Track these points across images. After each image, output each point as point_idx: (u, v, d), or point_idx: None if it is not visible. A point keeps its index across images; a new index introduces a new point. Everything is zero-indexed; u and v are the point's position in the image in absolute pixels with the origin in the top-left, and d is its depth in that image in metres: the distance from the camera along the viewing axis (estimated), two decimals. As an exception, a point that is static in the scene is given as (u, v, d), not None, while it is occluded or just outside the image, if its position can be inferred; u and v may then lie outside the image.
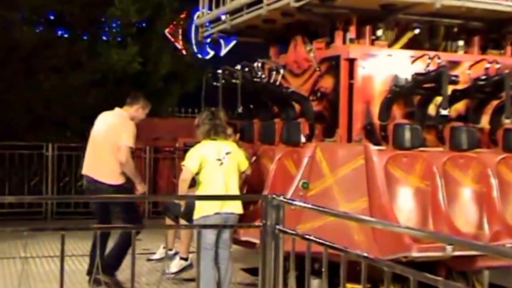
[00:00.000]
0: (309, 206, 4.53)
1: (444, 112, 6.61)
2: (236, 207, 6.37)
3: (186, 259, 7.42)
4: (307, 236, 3.78)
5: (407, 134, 6.78)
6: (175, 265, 7.41)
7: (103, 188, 7.06)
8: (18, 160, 12.78)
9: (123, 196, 7.16)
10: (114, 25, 14.30)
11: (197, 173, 6.46)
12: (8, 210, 11.56)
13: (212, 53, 16.30)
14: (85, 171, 7.43)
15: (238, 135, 7.85)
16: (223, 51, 16.34)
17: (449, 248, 5.97)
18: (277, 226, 4.11)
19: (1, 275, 8.08)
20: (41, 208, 12.69)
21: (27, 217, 11.72)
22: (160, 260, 7.83)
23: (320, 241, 3.68)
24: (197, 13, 9.06)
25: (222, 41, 15.86)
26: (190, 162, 6.47)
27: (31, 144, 12.81)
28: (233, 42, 15.67)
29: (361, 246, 5.86)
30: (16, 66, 13.04)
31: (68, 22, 13.96)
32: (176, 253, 7.62)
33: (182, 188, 6.41)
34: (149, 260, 8.17)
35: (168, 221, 7.50)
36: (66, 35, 14.12)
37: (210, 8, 8.53)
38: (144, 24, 14.85)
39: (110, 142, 7.22)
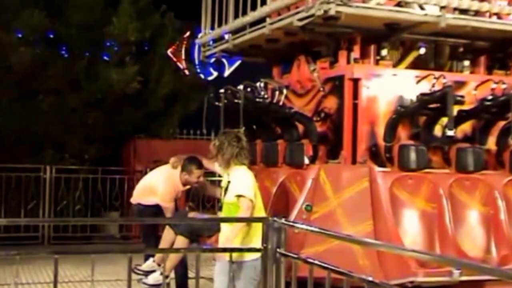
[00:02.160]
0: (311, 229, 4.39)
1: (450, 133, 6.51)
2: None
3: (167, 277, 7.24)
4: (310, 260, 3.64)
5: (413, 155, 6.66)
6: (153, 278, 7.25)
7: None
8: (15, 183, 12.61)
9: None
10: (113, 44, 14.18)
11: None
12: (4, 235, 11.25)
13: (215, 73, 16.21)
14: None
15: None
16: (227, 72, 16.27)
17: (456, 272, 5.84)
18: (278, 250, 3.97)
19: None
20: (38, 233, 12.47)
21: (23, 242, 11.45)
22: (146, 273, 7.54)
23: (323, 264, 3.54)
24: (200, 34, 8.98)
25: (225, 62, 15.79)
26: (250, 192, 5.60)
27: (28, 167, 12.64)
28: (237, 63, 15.61)
29: (366, 271, 5.70)
30: (13, 87, 12.88)
31: (66, 42, 13.85)
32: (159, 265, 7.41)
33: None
34: (135, 269, 7.78)
35: (168, 232, 7.33)
36: (64, 55, 13.99)
37: (212, 28, 8.45)
38: (145, 44, 14.76)
39: None
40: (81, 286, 8.32)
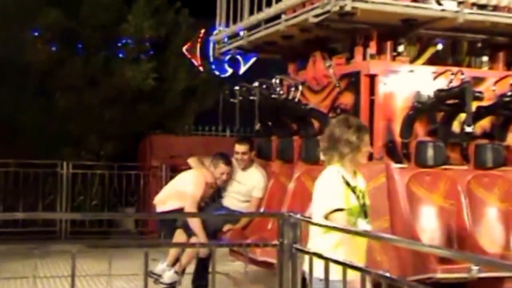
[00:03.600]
0: (327, 224, 4.36)
1: (468, 129, 6.43)
2: None
3: (182, 273, 7.27)
4: (325, 255, 3.61)
5: (430, 152, 6.60)
6: (169, 277, 7.28)
7: None
8: (33, 178, 12.71)
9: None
10: (128, 41, 14.23)
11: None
12: (21, 229, 11.38)
13: (230, 70, 16.18)
14: None
15: (253, 153, 7.72)
16: (242, 69, 16.23)
17: (474, 269, 5.78)
18: (295, 245, 3.94)
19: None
20: (55, 227, 12.57)
21: (40, 237, 11.54)
22: (159, 276, 7.54)
23: (339, 260, 3.51)
24: (215, 31, 8.96)
25: (240, 59, 15.75)
26: None
27: (45, 163, 12.73)
28: (252, 60, 15.56)
29: (383, 267, 5.67)
30: (31, 85, 13.01)
31: (82, 40, 13.92)
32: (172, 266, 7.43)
33: None
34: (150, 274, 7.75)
35: (179, 234, 7.32)
36: (80, 53, 14.07)
37: (227, 25, 8.43)
38: (160, 41, 14.79)
39: None
40: (98, 280, 8.35)
